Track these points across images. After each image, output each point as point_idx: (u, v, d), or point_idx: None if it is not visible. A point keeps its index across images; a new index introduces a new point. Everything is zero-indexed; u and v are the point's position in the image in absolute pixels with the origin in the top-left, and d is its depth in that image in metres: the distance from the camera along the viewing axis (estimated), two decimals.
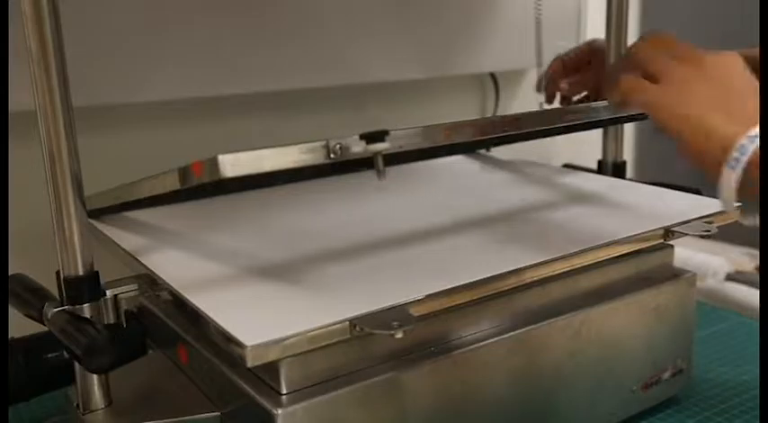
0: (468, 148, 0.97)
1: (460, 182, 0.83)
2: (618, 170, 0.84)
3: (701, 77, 0.49)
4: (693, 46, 0.53)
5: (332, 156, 0.45)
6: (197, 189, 0.77)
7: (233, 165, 0.42)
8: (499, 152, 0.99)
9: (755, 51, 0.68)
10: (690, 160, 0.48)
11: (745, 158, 0.45)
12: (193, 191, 0.77)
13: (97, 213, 0.66)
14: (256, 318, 0.46)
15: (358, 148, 0.45)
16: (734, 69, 0.50)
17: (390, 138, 0.46)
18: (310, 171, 0.78)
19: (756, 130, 0.45)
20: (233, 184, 0.79)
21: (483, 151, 0.98)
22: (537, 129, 0.56)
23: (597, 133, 0.85)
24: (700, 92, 0.49)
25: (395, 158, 0.89)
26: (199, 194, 0.77)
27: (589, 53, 0.88)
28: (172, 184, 0.48)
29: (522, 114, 0.55)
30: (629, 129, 0.98)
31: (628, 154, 0.88)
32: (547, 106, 0.91)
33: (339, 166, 0.46)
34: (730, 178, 0.45)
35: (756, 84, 0.50)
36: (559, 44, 1.01)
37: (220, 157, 0.42)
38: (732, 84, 0.49)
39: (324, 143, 0.44)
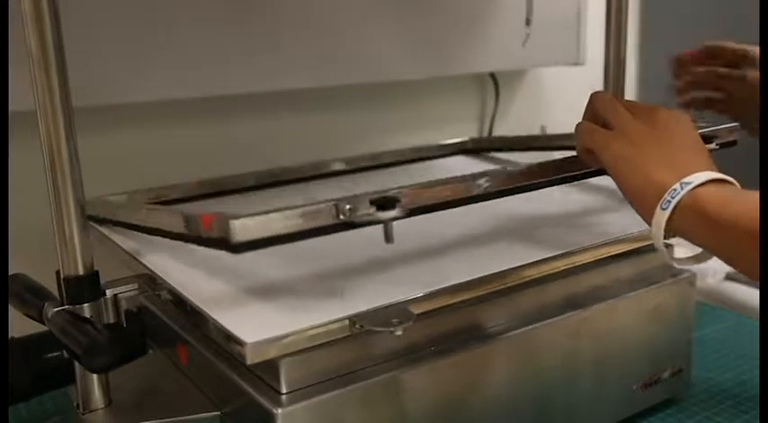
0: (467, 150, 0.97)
1: None
2: None
3: (651, 135, 0.53)
4: (647, 105, 0.56)
5: (341, 217, 0.45)
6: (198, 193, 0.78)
7: (244, 228, 0.43)
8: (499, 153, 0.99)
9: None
10: (631, 202, 0.53)
11: (674, 201, 0.48)
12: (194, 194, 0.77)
13: (97, 220, 0.66)
14: (256, 316, 0.46)
15: (367, 211, 0.45)
16: (682, 128, 0.54)
17: (401, 205, 0.46)
18: None
19: (689, 178, 0.49)
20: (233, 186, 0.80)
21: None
22: (549, 178, 0.57)
23: None
24: (648, 147, 0.52)
25: (394, 162, 0.90)
26: (199, 196, 0.77)
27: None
28: (176, 225, 0.49)
29: (535, 165, 0.57)
30: None
31: None
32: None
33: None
34: (661, 218, 0.49)
35: (699, 141, 0.54)
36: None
37: (231, 222, 0.43)
38: (678, 141, 0.53)
39: (333, 204, 0.45)
